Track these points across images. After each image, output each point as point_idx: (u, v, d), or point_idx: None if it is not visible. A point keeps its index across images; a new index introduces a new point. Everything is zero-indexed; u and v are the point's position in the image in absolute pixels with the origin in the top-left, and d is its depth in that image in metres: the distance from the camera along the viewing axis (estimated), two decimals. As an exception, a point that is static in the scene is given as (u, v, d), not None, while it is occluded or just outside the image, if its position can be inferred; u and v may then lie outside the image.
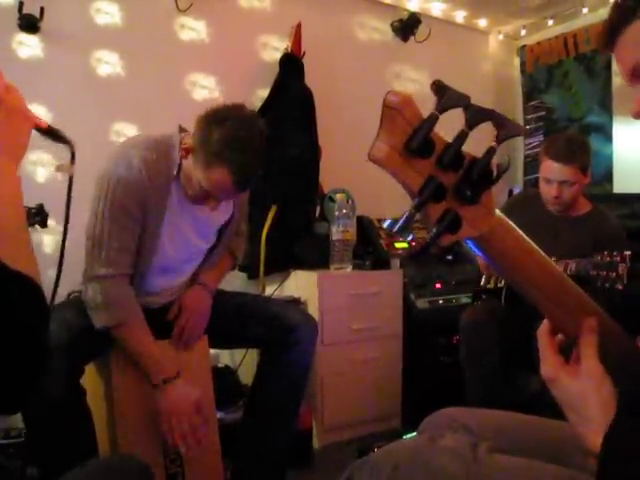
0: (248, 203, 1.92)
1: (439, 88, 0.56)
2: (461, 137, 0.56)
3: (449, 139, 0.57)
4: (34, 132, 0.92)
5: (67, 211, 1.41)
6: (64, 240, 1.46)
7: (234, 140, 1.44)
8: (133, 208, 1.52)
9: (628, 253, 1.69)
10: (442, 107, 0.55)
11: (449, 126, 0.60)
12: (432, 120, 0.55)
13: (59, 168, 1.23)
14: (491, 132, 0.59)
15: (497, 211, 0.61)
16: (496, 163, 0.59)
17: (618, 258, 1.70)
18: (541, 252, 0.66)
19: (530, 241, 0.65)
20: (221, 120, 1.46)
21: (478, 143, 0.62)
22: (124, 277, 1.56)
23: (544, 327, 0.71)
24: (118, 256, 1.53)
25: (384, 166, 0.56)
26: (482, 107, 0.57)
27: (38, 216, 1.69)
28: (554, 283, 0.67)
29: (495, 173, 0.58)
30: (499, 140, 0.58)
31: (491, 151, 0.57)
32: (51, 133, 0.99)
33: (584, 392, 0.66)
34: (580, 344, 0.68)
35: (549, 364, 0.70)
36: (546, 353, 0.71)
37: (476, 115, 0.56)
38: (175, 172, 1.57)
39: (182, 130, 1.62)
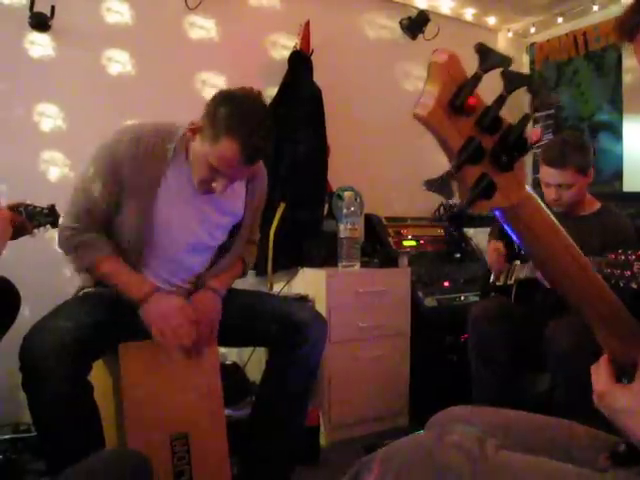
0: (261, 209, 1.93)
1: (482, 49, 0.57)
2: (500, 100, 0.57)
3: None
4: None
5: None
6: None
7: (241, 114, 1.48)
8: (110, 176, 1.58)
9: None
10: (485, 67, 0.56)
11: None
12: (476, 79, 0.56)
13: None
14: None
15: (527, 187, 0.61)
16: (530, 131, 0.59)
17: (633, 257, 1.70)
18: (566, 234, 0.66)
19: (556, 221, 0.65)
20: (228, 98, 1.52)
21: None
22: (96, 223, 1.63)
23: (604, 359, 0.76)
24: (84, 215, 1.61)
25: (429, 122, 0.56)
26: (521, 72, 0.57)
27: (50, 217, 1.71)
28: (578, 269, 0.66)
29: (529, 142, 0.59)
30: (535, 108, 0.59)
31: (526, 118, 0.58)
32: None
33: (630, 410, 0.70)
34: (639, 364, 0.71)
35: (601, 380, 0.74)
36: (600, 368, 0.75)
37: (515, 80, 0.57)
38: (170, 156, 1.60)
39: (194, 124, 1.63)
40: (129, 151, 1.57)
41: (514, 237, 0.65)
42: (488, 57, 0.57)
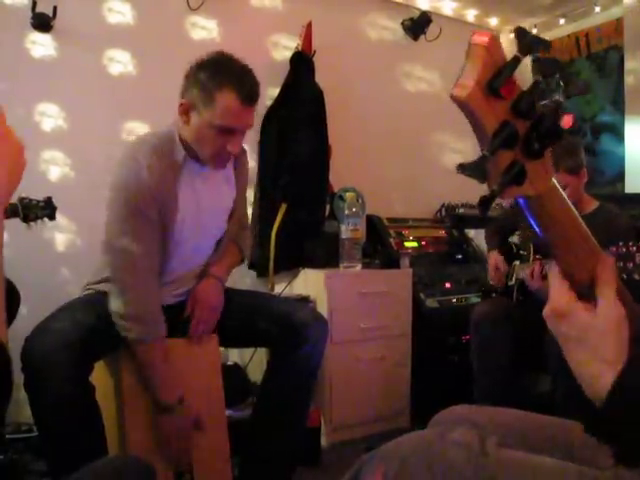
0: (257, 200, 1.93)
1: (521, 32, 0.57)
2: (535, 86, 0.57)
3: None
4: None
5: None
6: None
7: (221, 66, 1.54)
8: (149, 210, 1.53)
9: None
10: (525, 50, 0.57)
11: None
12: (516, 62, 0.56)
13: None
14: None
15: (554, 181, 0.62)
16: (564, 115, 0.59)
17: (634, 248, 1.70)
18: (584, 226, 0.66)
19: (577, 213, 0.65)
20: (199, 64, 1.56)
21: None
22: (153, 282, 1.57)
23: (554, 266, 0.67)
24: (146, 261, 1.54)
25: (467, 103, 0.55)
26: (554, 58, 0.58)
27: (47, 209, 1.71)
28: (587, 245, 0.67)
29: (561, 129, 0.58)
30: (567, 95, 0.59)
31: (559, 105, 0.59)
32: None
33: (602, 329, 0.62)
34: (598, 282, 0.64)
35: (562, 296, 0.65)
36: (558, 286, 0.66)
37: (549, 66, 0.58)
38: (182, 159, 1.59)
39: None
40: (153, 172, 1.52)
41: (534, 226, 0.65)
42: (527, 40, 0.57)
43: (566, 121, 3.66)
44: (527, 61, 0.58)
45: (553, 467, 0.75)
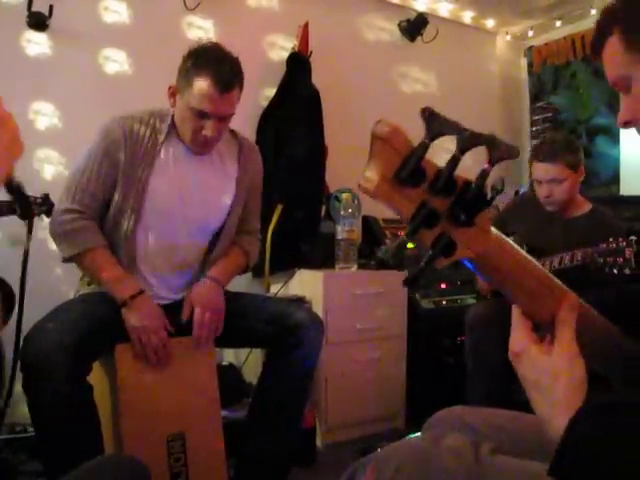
0: (259, 198, 1.93)
1: (429, 116, 0.55)
2: (453, 162, 0.55)
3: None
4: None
5: (22, 286, 1.39)
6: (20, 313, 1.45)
7: (204, 55, 1.61)
8: (107, 159, 1.62)
9: (634, 238, 1.69)
10: (432, 135, 0.55)
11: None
12: (422, 149, 0.55)
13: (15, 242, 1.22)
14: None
15: (493, 229, 0.60)
16: (490, 185, 0.59)
17: (624, 243, 1.71)
18: (534, 262, 0.66)
19: (524, 253, 0.64)
20: (190, 52, 1.65)
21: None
22: (89, 216, 1.63)
23: (515, 307, 0.68)
24: (85, 197, 1.62)
25: (374, 197, 0.55)
26: (473, 132, 0.56)
27: (44, 205, 1.71)
28: (545, 288, 0.66)
29: (490, 195, 0.58)
30: (492, 162, 0.58)
31: (484, 174, 0.57)
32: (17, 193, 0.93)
33: (555, 370, 0.62)
34: (557, 322, 0.64)
35: (519, 336, 0.66)
36: (518, 325, 0.66)
37: (468, 140, 0.56)
38: (165, 132, 1.67)
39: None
40: (123, 131, 1.63)
41: (484, 279, 0.66)
42: (434, 124, 0.55)
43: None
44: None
45: (545, 474, 0.75)
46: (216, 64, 1.58)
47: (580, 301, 0.66)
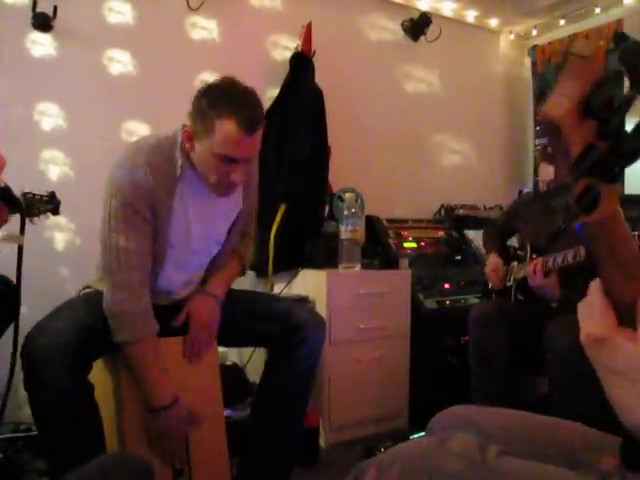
0: (257, 202, 1.92)
1: (622, 38, 0.52)
2: (628, 102, 0.50)
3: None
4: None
5: (18, 285, 1.39)
6: (17, 324, 1.45)
7: (222, 94, 1.48)
8: (143, 210, 1.52)
9: (636, 233, 1.69)
10: (623, 63, 0.50)
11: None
12: (617, 78, 0.50)
13: (6, 238, 1.19)
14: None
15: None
16: None
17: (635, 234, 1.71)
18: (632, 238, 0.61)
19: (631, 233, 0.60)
20: (204, 90, 1.51)
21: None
22: (146, 282, 1.56)
23: (596, 285, 0.60)
24: (138, 258, 1.53)
25: (560, 123, 0.50)
26: None
27: (50, 203, 1.70)
28: (637, 267, 0.60)
29: None
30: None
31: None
32: (4, 195, 0.93)
33: None
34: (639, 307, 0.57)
35: (604, 320, 0.58)
36: (601, 307, 0.59)
37: None
38: (179, 172, 1.57)
39: (186, 126, 1.60)
40: (149, 177, 1.52)
41: (584, 241, 0.59)
42: (625, 49, 0.50)
43: None
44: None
45: (553, 476, 0.75)
46: (237, 104, 1.46)
47: None
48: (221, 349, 2.05)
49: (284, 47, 3.05)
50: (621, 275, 0.58)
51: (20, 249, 1.13)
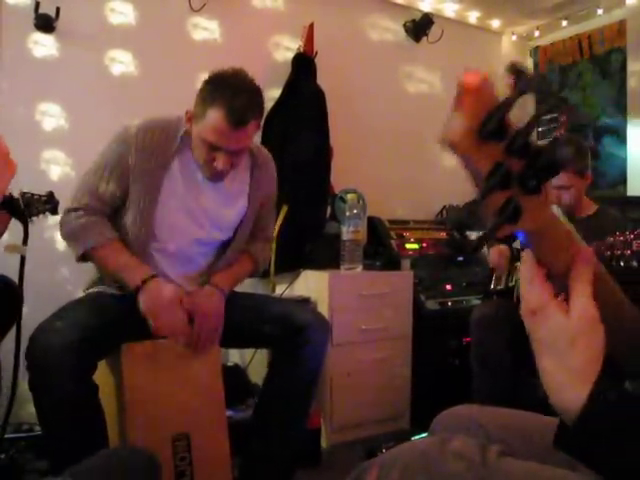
0: (272, 205, 1.93)
1: (517, 69, 0.54)
2: (533, 123, 0.54)
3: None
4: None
5: (20, 289, 1.41)
6: (19, 324, 1.48)
7: (222, 84, 1.54)
8: (120, 167, 1.62)
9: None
10: (519, 92, 0.54)
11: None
12: (508, 104, 0.53)
13: (9, 248, 1.21)
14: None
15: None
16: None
17: (632, 236, 1.70)
18: (580, 240, 0.63)
19: (571, 229, 0.62)
20: (211, 77, 1.59)
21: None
22: (96, 213, 1.64)
23: (529, 255, 0.61)
24: (93, 200, 1.63)
25: (457, 150, 0.54)
26: (560, 95, 0.55)
27: (48, 204, 1.71)
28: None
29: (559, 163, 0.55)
30: (567, 129, 0.57)
31: (558, 139, 0.56)
32: (10, 205, 0.96)
33: (573, 333, 0.56)
34: (572, 278, 0.58)
35: (537, 290, 0.58)
36: (534, 277, 0.59)
37: (552, 103, 0.55)
38: (176, 146, 1.64)
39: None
40: (136, 139, 1.61)
41: (539, 257, 0.61)
42: (523, 81, 0.54)
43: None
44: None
45: (554, 477, 0.75)
46: (232, 95, 1.51)
47: (593, 254, 0.61)
48: (223, 350, 2.06)
49: (286, 48, 3.05)
50: (550, 242, 0.60)
51: (22, 259, 1.14)
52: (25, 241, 1.21)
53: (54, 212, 1.72)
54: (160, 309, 1.56)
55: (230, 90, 1.52)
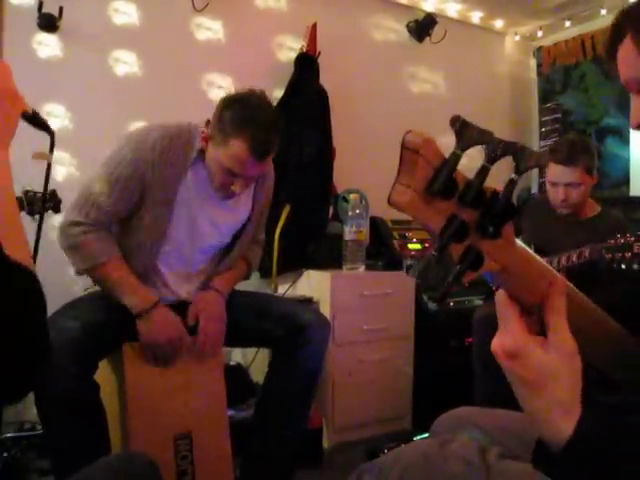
0: (267, 211, 1.93)
1: (461, 125, 0.54)
2: (483, 173, 0.54)
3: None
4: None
5: (44, 199, 1.42)
6: (40, 225, 1.49)
7: (246, 114, 1.52)
8: (133, 181, 1.56)
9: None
10: (464, 146, 0.53)
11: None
12: (454, 160, 0.53)
13: (37, 155, 1.23)
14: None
15: (517, 241, 0.58)
16: (516, 194, 0.56)
17: (632, 238, 1.70)
18: (552, 270, 0.62)
19: (542, 261, 0.62)
20: (232, 100, 1.56)
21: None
22: (104, 225, 1.60)
23: (501, 295, 0.60)
24: (100, 215, 1.57)
25: (405, 211, 0.53)
26: (506, 142, 0.54)
27: (50, 201, 1.71)
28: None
29: (516, 205, 0.55)
30: (520, 172, 0.56)
31: (512, 184, 0.55)
32: (34, 119, 0.97)
33: (555, 370, 0.56)
34: (546, 310, 0.58)
35: (512, 333, 0.57)
36: (507, 320, 0.58)
37: (499, 151, 0.54)
38: (192, 159, 1.61)
39: (210, 123, 1.64)
40: (153, 154, 1.56)
41: (506, 291, 0.61)
42: (466, 134, 0.54)
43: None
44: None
45: None
46: (257, 129, 1.50)
47: (567, 283, 0.61)
48: (225, 349, 2.06)
49: (289, 48, 3.05)
50: (517, 281, 0.59)
51: (48, 166, 1.17)
52: (51, 149, 1.22)
53: (56, 210, 1.72)
54: (162, 344, 1.59)
55: (255, 123, 1.51)
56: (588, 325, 0.64)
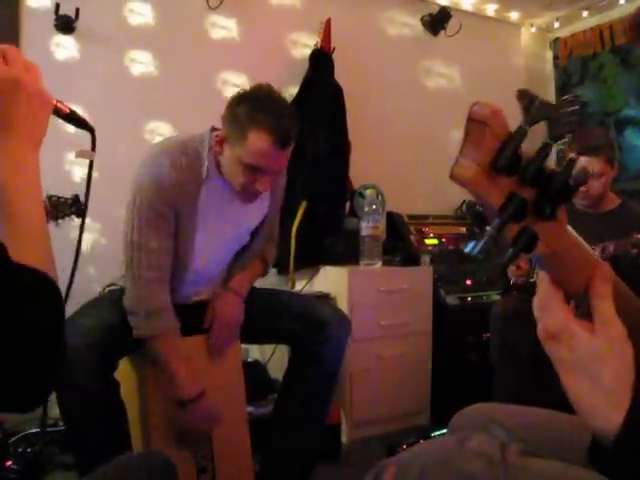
0: (280, 205, 1.93)
1: (527, 96, 0.53)
2: (545, 150, 0.52)
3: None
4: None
5: (86, 197, 1.43)
6: (82, 225, 1.50)
7: (260, 104, 1.49)
8: (166, 210, 1.54)
9: None
10: (531, 120, 0.53)
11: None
12: (521, 135, 0.51)
13: (79, 154, 1.25)
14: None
15: (568, 227, 0.57)
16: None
17: None
18: (598, 258, 0.61)
19: (589, 248, 0.60)
20: (241, 97, 1.53)
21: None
22: (165, 280, 1.58)
23: (544, 278, 0.58)
24: (160, 258, 1.56)
25: (467, 186, 0.52)
26: (568, 120, 0.53)
27: (74, 206, 1.73)
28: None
29: (573, 187, 0.54)
30: (580, 152, 0.55)
31: (571, 164, 0.54)
32: (72, 118, 0.97)
33: (602, 354, 0.54)
34: (592, 296, 0.56)
35: (556, 315, 0.56)
36: (551, 302, 0.57)
37: (561, 128, 0.53)
38: (204, 174, 1.58)
39: (214, 129, 1.63)
40: (173, 177, 1.54)
41: (555, 278, 0.59)
42: (533, 108, 0.53)
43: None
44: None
45: (575, 476, 0.74)
46: (275, 116, 1.47)
47: (611, 270, 0.59)
48: (243, 346, 2.07)
49: (303, 44, 3.05)
50: (565, 263, 0.58)
51: (90, 164, 1.18)
52: (93, 147, 1.24)
53: (79, 215, 1.74)
54: (204, 429, 1.63)
55: (271, 111, 1.48)
56: (632, 315, 0.60)
